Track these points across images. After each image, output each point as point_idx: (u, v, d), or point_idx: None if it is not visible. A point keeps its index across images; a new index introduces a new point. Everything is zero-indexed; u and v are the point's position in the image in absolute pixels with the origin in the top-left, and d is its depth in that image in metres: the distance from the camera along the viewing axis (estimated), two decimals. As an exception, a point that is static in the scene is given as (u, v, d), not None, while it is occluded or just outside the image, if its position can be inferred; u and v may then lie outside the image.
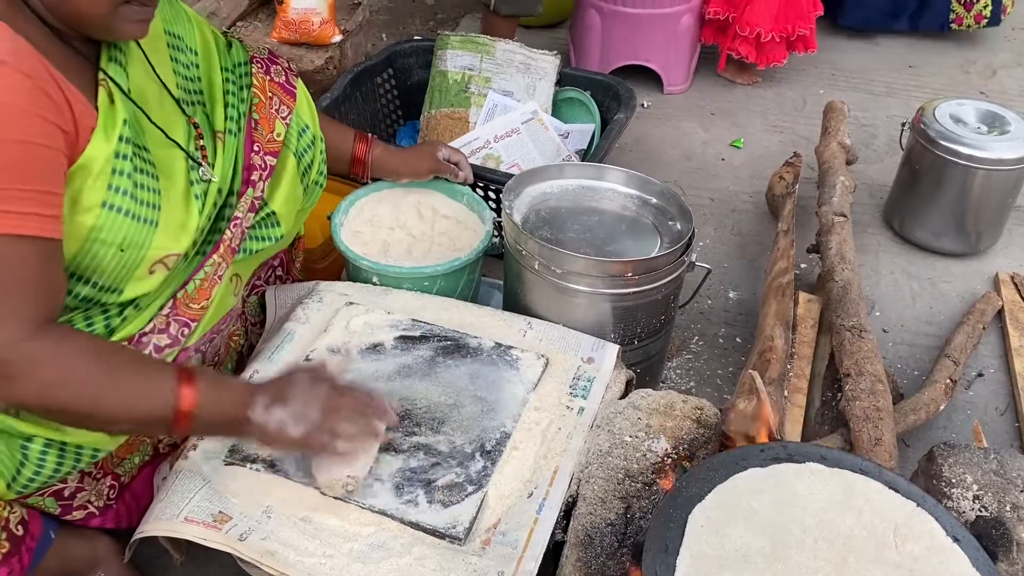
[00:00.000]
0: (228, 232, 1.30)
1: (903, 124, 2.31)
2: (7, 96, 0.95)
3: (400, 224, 1.78)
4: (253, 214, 1.37)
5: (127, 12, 1.08)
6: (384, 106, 2.42)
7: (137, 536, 1.16)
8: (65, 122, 1.02)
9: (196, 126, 1.29)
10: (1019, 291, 2.15)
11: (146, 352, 1.19)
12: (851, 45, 3.40)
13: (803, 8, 2.83)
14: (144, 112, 1.18)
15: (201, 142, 1.29)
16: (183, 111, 1.28)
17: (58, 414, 1.06)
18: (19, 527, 1.07)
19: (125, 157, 1.10)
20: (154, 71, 1.24)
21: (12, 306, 0.97)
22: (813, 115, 2.79)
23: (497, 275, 1.86)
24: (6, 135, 0.95)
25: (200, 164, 1.27)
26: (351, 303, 1.52)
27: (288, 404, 1.12)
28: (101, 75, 1.12)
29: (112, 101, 1.11)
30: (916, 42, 3.45)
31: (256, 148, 1.37)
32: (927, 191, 2.23)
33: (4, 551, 1.05)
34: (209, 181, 1.27)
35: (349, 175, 1.74)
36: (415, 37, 2.53)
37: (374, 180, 1.77)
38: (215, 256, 1.28)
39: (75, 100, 1.04)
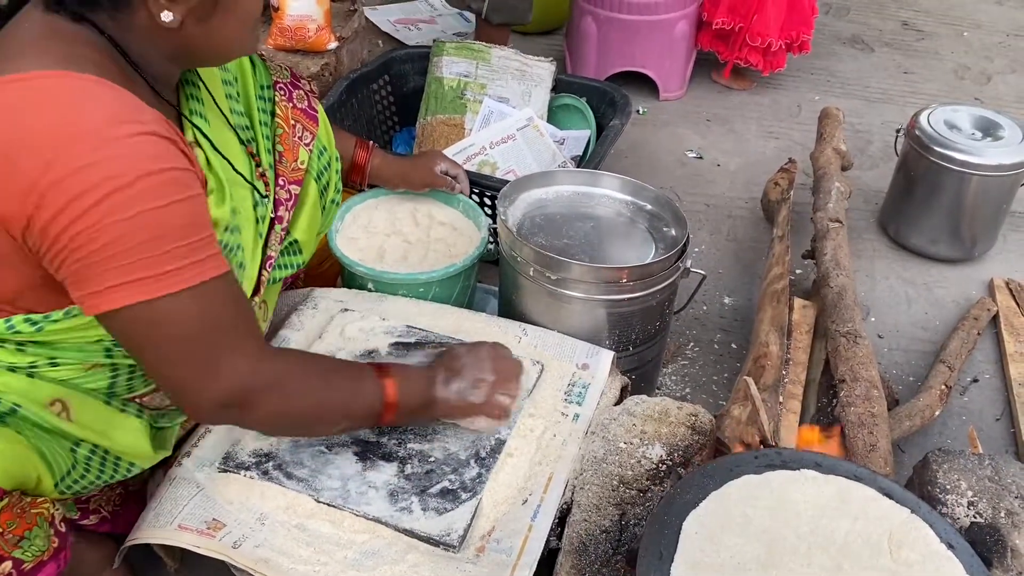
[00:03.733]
0: (265, 272, 1.31)
1: (898, 130, 2.32)
2: (171, 161, 0.97)
3: (396, 230, 1.78)
4: (279, 245, 1.37)
5: (255, 36, 1.14)
6: (380, 112, 2.42)
7: (128, 543, 1.16)
8: (195, 169, 1.06)
9: (254, 155, 1.31)
10: (1014, 297, 2.15)
11: None
12: (846, 52, 3.41)
13: (805, 13, 2.83)
14: (228, 160, 1.21)
15: (260, 170, 1.31)
16: (242, 142, 1.29)
17: (284, 428, 1.18)
18: (62, 524, 1.10)
19: (228, 228, 1.15)
20: (216, 104, 1.26)
21: (231, 343, 1.03)
22: (808, 121, 2.80)
23: (493, 281, 1.86)
24: (185, 194, 0.97)
25: (265, 196, 1.30)
26: (346, 309, 1.51)
27: (463, 376, 1.23)
28: (190, 131, 1.16)
29: (209, 163, 1.15)
30: (911, 48, 3.46)
31: (281, 182, 1.37)
32: (922, 197, 2.24)
33: (54, 546, 1.07)
34: (266, 215, 1.30)
35: (347, 182, 1.74)
36: (411, 44, 2.55)
37: (370, 188, 1.77)
38: (256, 298, 1.30)
39: (191, 153, 1.07)
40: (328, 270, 1.89)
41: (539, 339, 1.50)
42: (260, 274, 1.30)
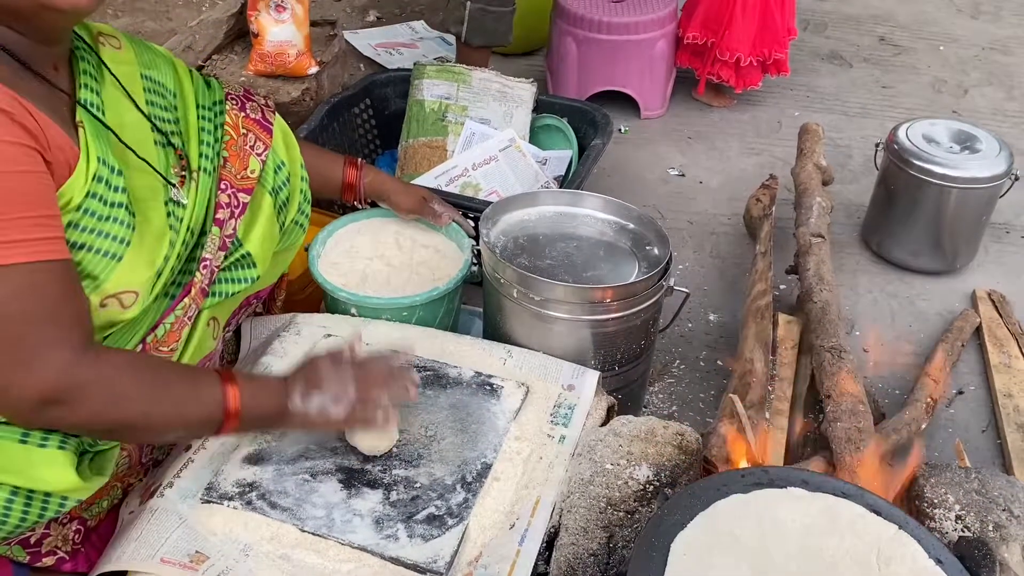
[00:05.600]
0: (199, 274, 1.27)
1: (877, 145, 2.34)
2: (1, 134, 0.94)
3: (379, 254, 1.77)
4: (224, 253, 1.33)
5: None
6: (362, 136, 2.42)
7: (101, 570, 1.14)
8: (44, 149, 1.02)
9: (182, 157, 1.28)
10: (996, 308, 2.16)
11: None
12: (825, 67, 3.44)
13: (778, 33, 2.86)
14: (118, 136, 1.17)
15: (182, 172, 1.27)
16: (168, 140, 1.27)
17: (112, 432, 1.10)
18: None
19: (95, 196, 1.09)
20: (131, 99, 1.22)
21: (50, 334, 0.98)
22: (789, 137, 2.82)
23: (478, 302, 1.85)
24: (12, 168, 0.95)
25: (175, 186, 1.25)
26: (329, 335, 1.50)
27: (323, 388, 1.18)
28: (79, 111, 1.11)
29: (87, 144, 1.10)
30: (889, 63, 3.50)
31: (224, 185, 1.34)
32: (903, 210, 2.25)
33: None
34: (181, 205, 1.25)
35: (341, 201, 1.74)
36: (392, 68, 2.55)
37: (367, 204, 1.77)
38: (186, 299, 1.25)
39: (53, 133, 1.03)
40: (312, 295, 1.88)
41: (524, 361, 1.49)
42: (192, 277, 1.26)
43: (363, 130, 2.42)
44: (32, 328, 0.97)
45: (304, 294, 1.88)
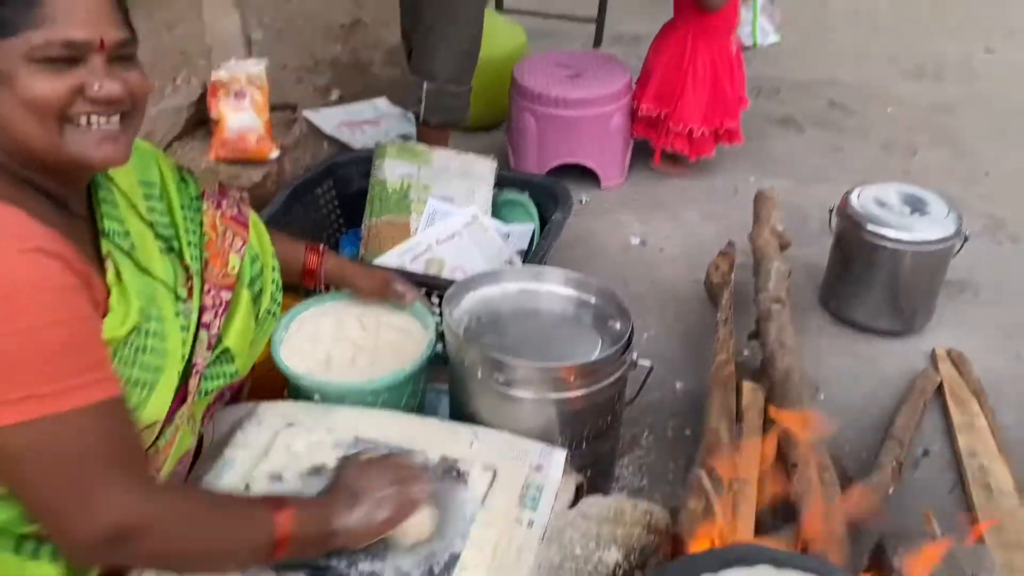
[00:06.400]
0: (192, 380, 1.27)
1: (830, 210, 2.39)
2: (56, 279, 0.97)
3: (343, 336, 1.77)
4: (210, 353, 1.33)
5: (81, 138, 1.05)
6: (325, 216, 2.44)
7: None
8: (90, 289, 1.04)
9: (187, 269, 1.30)
10: (956, 366, 2.20)
11: None
12: (778, 132, 3.53)
13: (729, 104, 2.95)
14: (139, 264, 1.19)
15: (188, 283, 1.30)
16: (169, 246, 1.28)
17: (170, 567, 1.10)
18: None
19: (128, 344, 1.11)
20: (135, 209, 1.24)
21: (111, 474, 0.98)
22: (745, 202, 2.86)
23: (445, 379, 1.85)
24: (63, 316, 0.96)
25: (185, 302, 1.27)
26: (291, 424, 1.49)
27: (362, 498, 1.18)
28: (104, 245, 1.13)
29: (120, 278, 1.12)
30: (840, 126, 3.60)
31: (207, 288, 1.35)
32: (859, 273, 2.30)
33: None
34: (189, 317, 1.27)
35: (301, 286, 1.74)
36: (356, 147, 2.58)
37: (327, 290, 1.77)
38: (182, 407, 1.25)
39: (89, 271, 1.04)
40: (277, 373, 1.86)
41: (491, 441, 1.48)
42: (186, 383, 1.27)
43: (326, 210, 2.44)
44: (93, 469, 0.97)
45: (271, 374, 1.86)
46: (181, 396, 1.25)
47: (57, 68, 1.01)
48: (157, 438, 1.21)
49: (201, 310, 1.32)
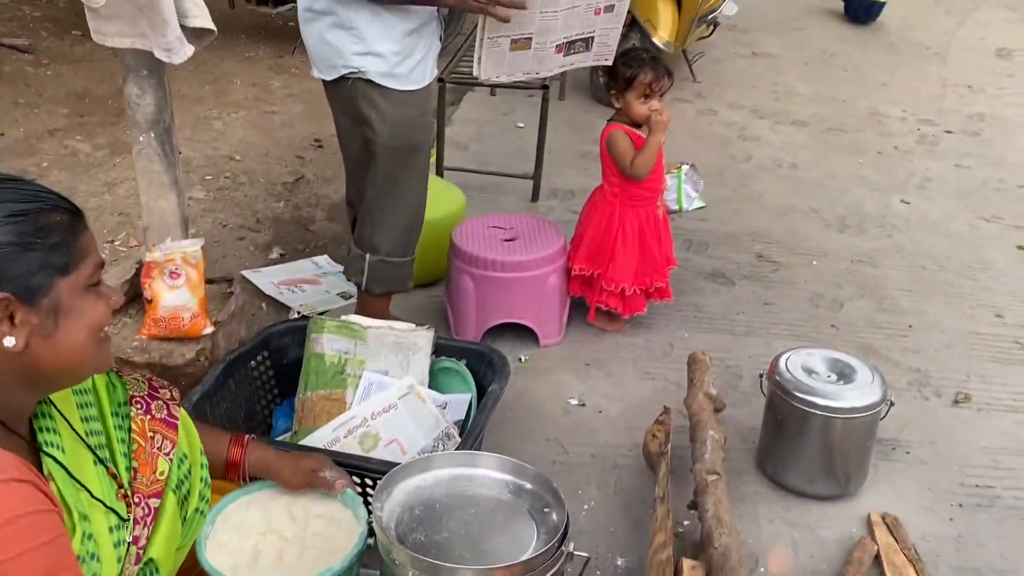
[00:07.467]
0: None
1: (760, 375, 2.45)
2: (36, 504, 0.99)
3: (271, 528, 1.72)
4: (136, 567, 1.29)
5: (108, 348, 1.19)
6: (259, 388, 2.41)
7: None
8: (57, 508, 1.06)
9: (115, 476, 1.28)
10: (891, 532, 2.21)
11: None
12: (709, 286, 3.63)
13: (658, 264, 3.06)
14: (76, 479, 1.18)
15: (123, 495, 1.28)
16: (97, 457, 1.26)
17: None
18: None
19: (81, 559, 1.11)
20: (71, 427, 1.23)
21: None
22: (680, 358, 2.91)
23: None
24: (46, 538, 0.98)
25: (125, 520, 1.25)
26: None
27: None
28: (45, 462, 1.13)
29: (61, 494, 1.12)
30: (768, 279, 3.72)
31: (137, 499, 1.32)
32: (793, 437, 2.33)
33: None
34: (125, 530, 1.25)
35: (224, 478, 1.70)
36: (295, 305, 2.58)
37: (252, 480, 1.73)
38: None
39: (48, 489, 1.05)
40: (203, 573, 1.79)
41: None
42: None
43: (260, 382, 2.41)
44: None
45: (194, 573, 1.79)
46: None
47: (97, 291, 1.15)
48: None
49: (133, 524, 1.29)
